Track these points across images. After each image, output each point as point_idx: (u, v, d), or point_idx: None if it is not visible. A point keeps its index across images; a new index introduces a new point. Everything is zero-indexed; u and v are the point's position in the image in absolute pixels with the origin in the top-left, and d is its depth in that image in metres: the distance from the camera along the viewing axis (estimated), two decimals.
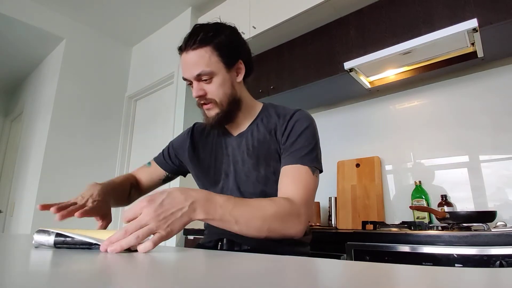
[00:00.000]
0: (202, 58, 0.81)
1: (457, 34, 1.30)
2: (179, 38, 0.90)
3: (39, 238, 0.62)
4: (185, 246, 1.98)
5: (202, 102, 0.84)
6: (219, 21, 0.89)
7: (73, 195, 0.86)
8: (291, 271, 0.40)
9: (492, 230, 1.06)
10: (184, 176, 1.09)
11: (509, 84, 1.51)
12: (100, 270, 0.41)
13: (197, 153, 0.97)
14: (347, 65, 1.60)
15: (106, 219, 0.87)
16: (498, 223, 1.15)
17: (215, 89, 0.83)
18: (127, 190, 1.00)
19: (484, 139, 1.53)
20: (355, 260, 1.24)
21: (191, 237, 1.96)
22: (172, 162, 1.04)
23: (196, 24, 0.87)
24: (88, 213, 0.78)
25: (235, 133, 0.93)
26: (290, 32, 1.98)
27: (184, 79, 0.85)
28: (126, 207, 0.72)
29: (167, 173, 1.05)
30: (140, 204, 0.58)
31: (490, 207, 1.46)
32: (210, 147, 0.96)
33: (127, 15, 2.64)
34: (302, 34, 1.98)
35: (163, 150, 1.08)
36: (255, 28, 2.00)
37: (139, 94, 2.88)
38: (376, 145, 1.88)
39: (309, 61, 1.89)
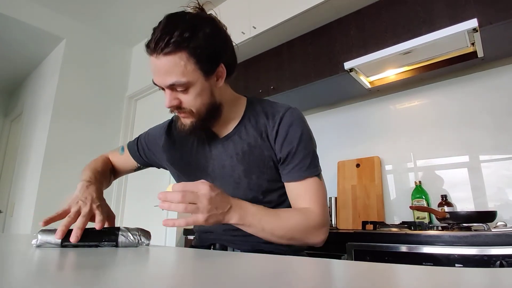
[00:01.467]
0: (176, 67, 0.67)
1: (457, 34, 1.30)
2: None
3: (45, 237, 0.61)
4: (185, 246, 1.98)
5: (176, 111, 0.75)
6: (193, 11, 0.78)
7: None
8: (292, 271, 0.40)
9: (492, 230, 1.06)
10: (158, 168, 1.03)
11: (509, 84, 1.51)
12: (103, 268, 0.41)
13: (175, 152, 0.90)
14: (347, 65, 1.59)
15: (110, 217, 0.85)
16: (498, 223, 1.15)
17: (191, 100, 0.72)
18: (109, 178, 1.00)
19: (484, 139, 1.53)
20: (355, 260, 1.24)
21: (191, 237, 1.96)
22: (145, 155, 0.98)
23: (168, 15, 0.72)
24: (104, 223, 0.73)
25: (221, 134, 0.85)
26: (290, 32, 1.98)
27: (155, 84, 0.73)
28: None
29: (139, 165, 1.01)
30: (202, 186, 0.64)
31: (490, 207, 1.46)
32: (191, 147, 0.87)
33: (127, 15, 2.64)
34: (302, 34, 1.98)
35: (137, 139, 1.01)
36: (255, 28, 2.00)
37: (139, 94, 2.88)
38: (376, 145, 1.88)
39: (309, 61, 1.89)
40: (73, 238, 0.61)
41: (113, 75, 2.93)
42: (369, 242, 1.23)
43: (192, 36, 0.68)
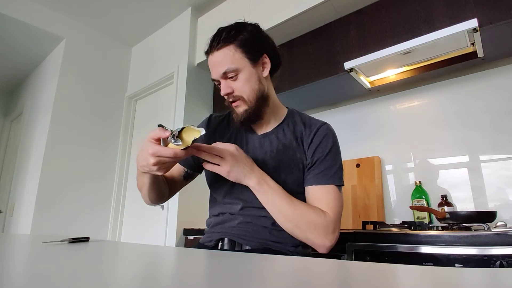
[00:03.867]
0: (226, 56, 0.83)
1: (457, 34, 1.30)
2: (179, 38, 0.90)
3: None
4: (185, 246, 1.98)
5: (230, 100, 0.86)
6: (241, 21, 0.91)
7: (73, 195, 0.85)
8: (292, 271, 0.40)
9: (492, 230, 1.06)
10: (200, 173, 1.03)
11: (509, 84, 1.51)
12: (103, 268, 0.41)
13: (212, 142, 0.93)
14: (347, 65, 1.60)
15: None
16: (498, 223, 1.15)
17: (241, 86, 0.84)
18: (166, 188, 0.96)
19: (484, 139, 1.53)
20: (355, 260, 1.24)
21: (191, 237, 1.96)
22: (192, 159, 0.97)
23: (219, 28, 0.90)
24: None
25: (260, 132, 0.93)
26: (290, 32, 1.98)
27: (213, 80, 0.88)
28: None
29: (186, 169, 0.98)
30: (229, 145, 0.77)
31: (490, 207, 1.46)
32: (228, 139, 0.94)
33: (127, 15, 2.64)
34: (302, 34, 1.98)
35: None
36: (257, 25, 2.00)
37: (139, 94, 2.88)
38: (376, 145, 1.88)
39: (309, 61, 1.89)
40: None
41: (113, 75, 2.93)
42: (369, 242, 1.23)
43: (237, 32, 0.84)
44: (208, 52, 0.88)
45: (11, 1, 2.38)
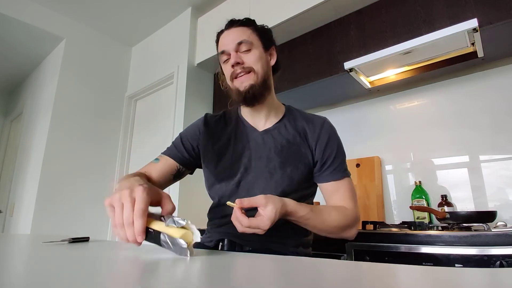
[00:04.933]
0: (244, 32, 0.88)
1: (457, 34, 1.30)
2: (179, 38, 0.91)
3: None
4: None
5: (238, 71, 0.85)
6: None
7: (73, 195, 0.84)
8: (292, 271, 0.40)
9: (492, 230, 1.06)
10: (192, 173, 1.00)
11: (509, 84, 1.51)
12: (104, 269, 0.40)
13: (211, 142, 0.93)
14: (347, 65, 1.59)
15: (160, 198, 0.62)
16: (498, 223, 1.15)
17: (253, 59, 0.86)
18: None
19: (484, 139, 1.53)
20: (355, 260, 1.24)
21: None
22: (186, 151, 0.94)
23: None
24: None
25: (260, 128, 0.92)
26: (290, 32, 1.98)
27: (222, 53, 0.88)
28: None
29: (179, 166, 0.94)
30: (268, 209, 0.67)
31: (490, 207, 1.46)
32: (228, 138, 0.93)
33: (127, 15, 2.64)
34: (302, 34, 1.98)
35: (173, 143, 0.98)
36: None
37: (139, 94, 2.88)
38: (376, 145, 1.88)
39: (309, 61, 1.89)
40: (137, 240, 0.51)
41: (113, 75, 2.93)
42: (369, 242, 1.23)
43: (254, 22, 0.92)
44: (224, 29, 0.91)
45: (11, 1, 2.38)
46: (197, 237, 0.52)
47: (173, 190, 2.17)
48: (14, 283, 0.30)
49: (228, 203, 0.69)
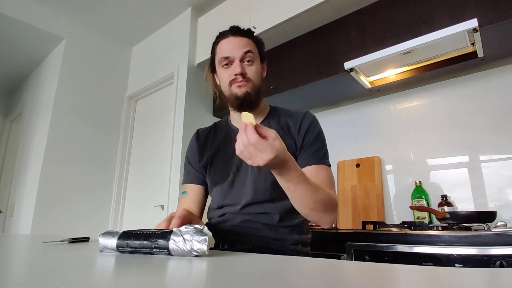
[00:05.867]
0: (249, 43, 0.94)
1: (457, 34, 1.30)
2: (179, 38, 0.92)
3: (104, 241, 0.56)
4: None
5: (240, 79, 0.90)
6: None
7: (73, 195, 0.85)
8: (292, 271, 0.40)
9: (492, 230, 1.06)
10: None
11: (509, 84, 1.51)
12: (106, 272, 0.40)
13: (205, 152, 1.00)
14: (347, 65, 1.60)
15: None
16: (498, 223, 1.15)
17: (254, 72, 0.92)
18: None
19: (484, 139, 1.53)
20: (355, 260, 1.24)
21: None
22: (198, 172, 1.01)
23: (233, 25, 0.98)
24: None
25: None
26: (290, 32, 1.98)
27: (225, 58, 0.92)
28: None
29: (203, 187, 1.01)
30: (276, 142, 0.66)
31: (490, 207, 1.46)
32: (218, 144, 0.99)
33: (127, 15, 2.64)
34: (303, 34, 1.98)
35: (185, 169, 1.06)
36: (255, 28, 1.99)
37: (139, 94, 2.88)
38: (376, 145, 1.88)
39: (309, 61, 1.89)
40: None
41: (113, 75, 2.93)
42: (369, 242, 1.23)
43: (255, 36, 0.98)
44: (227, 34, 0.94)
45: (11, 1, 2.38)
46: (212, 243, 0.55)
47: (163, 189, 2.17)
48: (14, 283, 0.30)
49: (244, 114, 0.66)
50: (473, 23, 1.25)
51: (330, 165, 0.91)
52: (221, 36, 0.95)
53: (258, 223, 0.85)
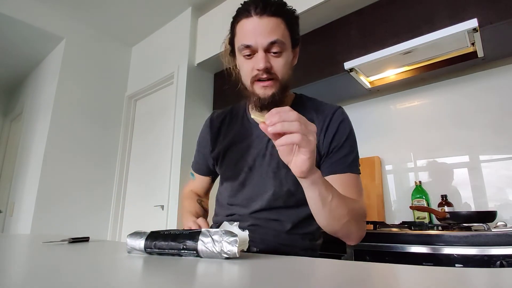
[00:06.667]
0: (278, 27, 0.73)
1: (457, 34, 1.30)
2: (179, 38, 0.86)
3: (131, 242, 0.54)
4: None
5: (264, 76, 0.74)
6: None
7: (73, 195, 0.85)
8: (292, 271, 0.40)
9: (493, 230, 1.06)
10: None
11: (509, 84, 1.51)
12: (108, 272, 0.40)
13: (217, 142, 0.91)
14: (348, 65, 1.59)
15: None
16: (499, 223, 1.15)
17: (282, 65, 0.74)
18: (202, 209, 0.99)
19: (484, 139, 1.53)
20: (355, 260, 1.24)
21: None
22: (207, 161, 0.96)
23: None
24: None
25: None
26: None
27: (246, 46, 0.74)
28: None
29: (211, 176, 1.00)
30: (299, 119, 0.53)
31: (490, 207, 1.46)
32: (232, 137, 0.89)
33: (127, 15, 2.64)
34: (303, 34, 1.97)
35: (196, 153, 1.01)
36: None
37: (139, 94, 2.88)
38: (376, 145, 1.88)
39: (309, 61, 1.89)
40: None
41: (113, 75, 2.93)
42: (369, 242, 1.23)
43: (289, 9, 0.76)
44: (251, 13, 0.74)
45: (11, 1, 2.38)
46: (245, 246, 0.52)
47: (162, 189, 2.17)
48: (14, 283, 0.30)
49: (255, 117, 0.55)
50: (473, 23, 1.25)
51: (359, 173, 0.78)
52: (243, 12, 0.76)
53: (268, 229, 0.78)
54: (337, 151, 0.77)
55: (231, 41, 0.83)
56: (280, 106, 0.66)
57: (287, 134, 0.52)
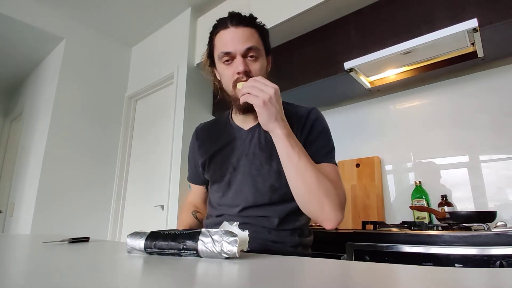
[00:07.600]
0: (253, 36, 0.84)
1: (457, 34, 1.30)
2: (179, 38, 0.89)
3: (131, 242, 0.54)
4: None
5: (244, 79, 0.81)
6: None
7: (73, 195, 0.85)
8: (292, 271, 0.40)
9: (492, 230, 1.06)
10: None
11: (509, 84, 1.51)
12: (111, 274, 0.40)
13: (204, 150, 0.97)
14: (347, 65, 1.59)
15: None
16: (498, 223, 1.15)
17: (258, 69, 0.83)
18: (195, 221, 1.03)
19: (484, 139, 1.53)
20: (355, 260, 1.24)
21: None
22: (198, 172, 1.02)
23: (233, 11, 0.89)
24: None
25: (246, 127, 0.92)
26: (290, 32, 1.98)
27: (226, 53, 0.83)
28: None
29: (204, 185, 1.05)
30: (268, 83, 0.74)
31: (490, 207, 1.46)
32: (217, 143, 0.95)
33: (127, 15, 2.64)
34: (302, 34, 1.98)
35: (187, 168, 1.08)
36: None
37: (139, 94, 2.88)
38: (376, 145, 1.88)
39: (309, 61, 1.89)
40: None
41: (113, 75, 2.93)
42: (369, 242, 1.23)
43: (260, 22, 0.89)
44: (227, 25, 0.84)
45: (11, 1, 2.38)
46: (245, 246, 0.53)
47: (161, 189, 2.17)
48: (14, 283, 0.30)
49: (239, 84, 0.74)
50: (473, 23, 1.25)
51: (336, 164, 0.83)
52: (220, 25, 0.86)
53: (257, 226, 0.82)
54: (312, 144, 0.83)
55: (210, 54, 0.93)
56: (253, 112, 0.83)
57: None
